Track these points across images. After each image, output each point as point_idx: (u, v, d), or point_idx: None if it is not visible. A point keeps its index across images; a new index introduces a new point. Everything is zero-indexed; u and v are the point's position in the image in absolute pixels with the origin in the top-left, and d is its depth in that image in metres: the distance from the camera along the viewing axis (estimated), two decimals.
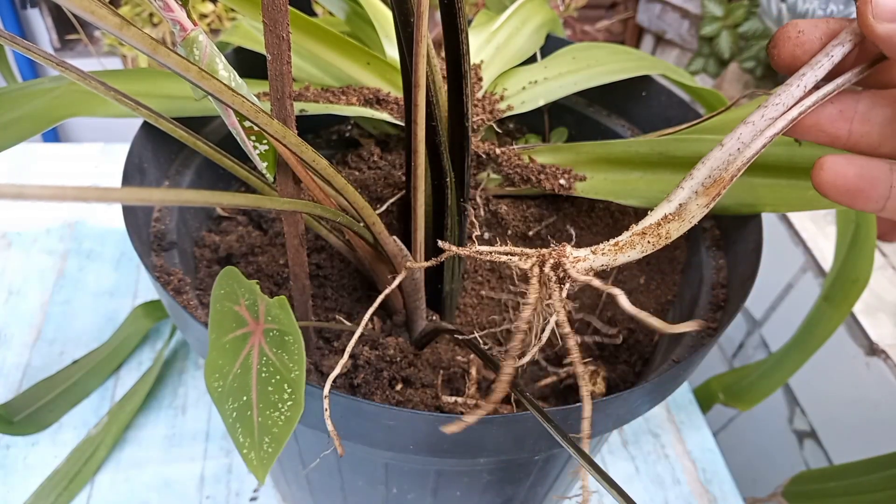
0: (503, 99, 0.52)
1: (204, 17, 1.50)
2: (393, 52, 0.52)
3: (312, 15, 0.56)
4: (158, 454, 0.59)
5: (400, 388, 0.38)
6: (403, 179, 0.49)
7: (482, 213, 0.48)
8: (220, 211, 0.50)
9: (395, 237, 0.33)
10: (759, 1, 1.42)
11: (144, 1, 1.42)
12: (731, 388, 0.71)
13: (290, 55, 0.27)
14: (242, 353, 0.27)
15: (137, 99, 0.31)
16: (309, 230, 0.37)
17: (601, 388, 0.42)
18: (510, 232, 0.49)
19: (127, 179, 0.41)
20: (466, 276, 0.46)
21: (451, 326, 0.37)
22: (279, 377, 0.26)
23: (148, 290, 0.73)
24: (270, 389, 0.26)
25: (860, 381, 0.80)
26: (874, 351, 0.78)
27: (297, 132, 0.28)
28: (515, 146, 0.49)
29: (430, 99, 0.32)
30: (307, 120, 0.45)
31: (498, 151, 0.48)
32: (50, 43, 1.71)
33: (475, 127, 0.49)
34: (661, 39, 1.86)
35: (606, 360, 0.45)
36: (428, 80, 0.30)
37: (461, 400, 0.37)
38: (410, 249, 0.34)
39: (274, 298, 0.26)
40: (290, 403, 0.26)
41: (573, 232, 0.50)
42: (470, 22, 0.59)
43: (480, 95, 0.52)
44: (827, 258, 0.89)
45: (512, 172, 0.47)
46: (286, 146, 0.27)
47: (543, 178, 0.47)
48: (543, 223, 0.50)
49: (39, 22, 1.68)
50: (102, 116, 0.42)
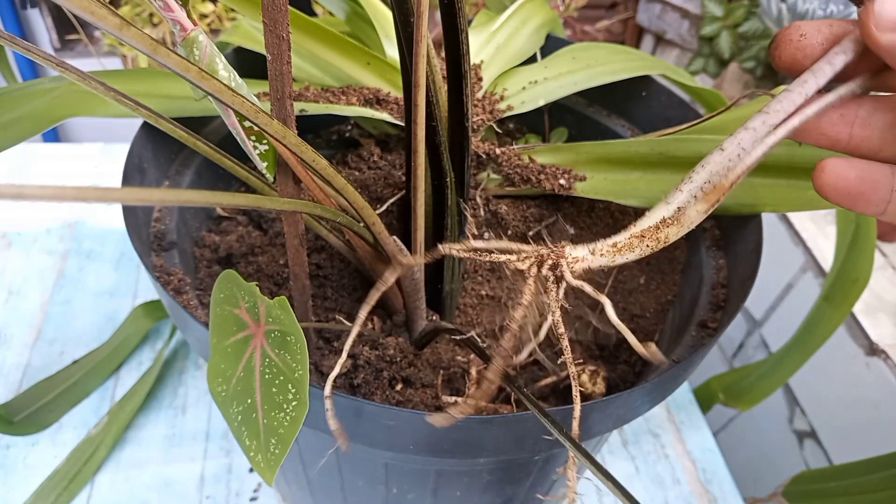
0: (503, 99, 0.52)
1: (204, 17, 1.50)
2: (393, 52, 0.52)
3: (312, 15, 0.56)
4: (158, 454, 0.59)
5: (400, 388, 0.38)
6: (403, 179, 0.49)
7: (482, 213, 0.48)
8: (220, 211, 0.50)
9: (395, 237, 0.33)
10: (759, 1, 1.42)
11: (144, 1, 1.42)
12: (731, 388, 0.71)
13: (290, 55, 0.27)
14: (245, 355, 0.27)
15: (137, 99, 0.31)
16: (309, 230, 0.37)
17: (601, 388, 0.42)
18: (510, 232, 0.49)
19: (127, 179, 0.41)
20: (466, 276, 0.46)
21: (451, 326, 0.37)
22: (283, 378, 0.26)
23: (148, 290, 0.73)
24: (274, 391, 0.26)
25: (860, 381, 0.80)
26: (874, 351, 0.78)
27: (297, 132, 0.28)
28: (515, 146, 0.49)
29: (430, 99, 0.32)
30: (307, 120, 0.45)
31: (498, 151, 0.48)
32: (50, 43, 1.71)
33: (475, 127, 0.49)
34: (661, 39, 1.86)
35: (606, 360, 0.45)
36: (428, 80, 0.30)
37: (461, 400, 0.37)
38: (410, 249, 0.34)
39: (274, 299, 0.26)
40: (294, 404, 0.25)
41: (573, 232, 0.50)
42: (470, 22, 0.59)
43: (480, 95, 0.52)
44: (827, 258, 0.89)
45: (512, 172, 0.47)
46: (286, 146, 0.27)
47: (543, 178, 0.47)
48: (543, 223, 0.50)
49: (39, 22, 1.68)
50: (102, 116, 0.42)
